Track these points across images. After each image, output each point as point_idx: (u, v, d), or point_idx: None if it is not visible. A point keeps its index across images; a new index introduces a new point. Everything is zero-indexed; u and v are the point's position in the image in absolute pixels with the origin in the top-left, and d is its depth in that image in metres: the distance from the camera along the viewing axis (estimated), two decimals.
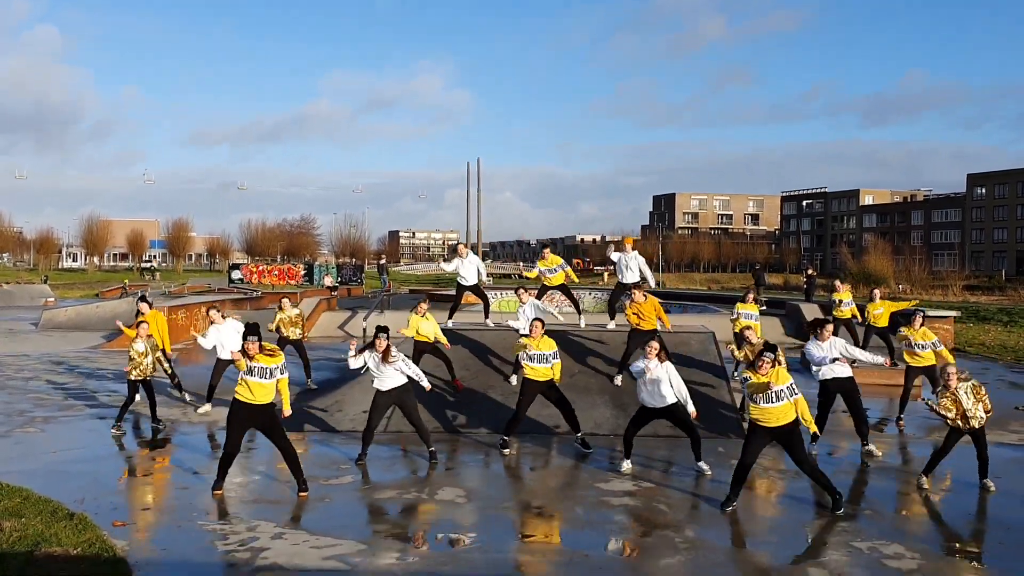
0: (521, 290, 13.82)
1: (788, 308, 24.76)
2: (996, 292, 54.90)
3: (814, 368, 10.46)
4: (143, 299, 14.41)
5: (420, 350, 12.73)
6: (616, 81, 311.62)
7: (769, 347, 8.25)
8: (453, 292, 14.34)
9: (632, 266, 13.53)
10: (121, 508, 8.09)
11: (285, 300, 15.19)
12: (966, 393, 8.76)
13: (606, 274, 74.78)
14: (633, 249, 13.79)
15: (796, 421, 8.17)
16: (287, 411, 8.79)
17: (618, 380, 12.56)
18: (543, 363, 10.34)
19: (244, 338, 8.64)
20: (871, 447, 10.52)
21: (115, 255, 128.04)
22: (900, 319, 13.49)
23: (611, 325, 14.01)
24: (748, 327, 10.83)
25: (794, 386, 8.12)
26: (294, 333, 14.77)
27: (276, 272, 58.18)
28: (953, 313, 24.68)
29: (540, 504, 8.47)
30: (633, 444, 9.85)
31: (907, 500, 8.87)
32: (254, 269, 59.15)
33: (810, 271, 34.24)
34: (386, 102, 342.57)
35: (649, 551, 7.11)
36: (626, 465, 9.73)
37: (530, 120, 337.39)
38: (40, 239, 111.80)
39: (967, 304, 38.17)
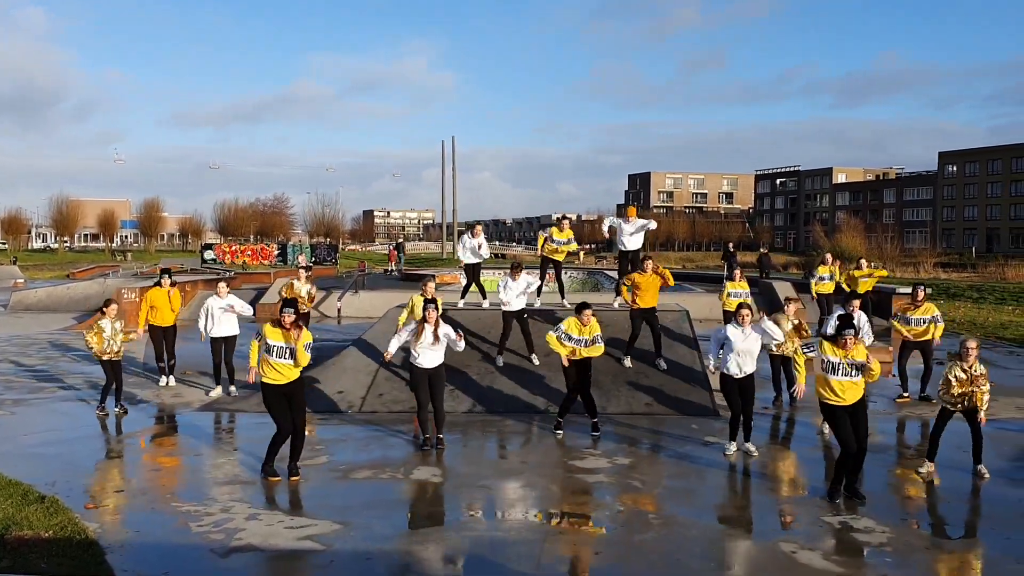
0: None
1: (761, 286, 25.00)
2: (967, 269, 55.55)
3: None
4: (166, 273, 14.13)
5: None
6: (594, 64, 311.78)
7: (848, 321, 7.99)
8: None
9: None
10: (93, 491, 8.02)
11: (295, 278, 15.68)
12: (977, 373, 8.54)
13: (582, 253, 74.76)
14: (639, 217, 14.47)
15: (864, 396, 8.01)
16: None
17: (627, 362, 12.58)
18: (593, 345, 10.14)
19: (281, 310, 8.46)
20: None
21: (86, 236, 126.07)
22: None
23: (616, 304, 14.01)
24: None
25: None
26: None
27: (249, 252, 57.74)
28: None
29: (515, 482, 8.50)
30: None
31: (876, 476, 8.98)
32: (227, 249, 58.76)
33: (763, 250, 35.02)
34: (370, 83, 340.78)
35: (623, 527, 7.17)
36: (731, 448, 9.45)
37: (511, 101, 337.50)
38: (8, 219, 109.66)
39: (938, 281, 38.63)
